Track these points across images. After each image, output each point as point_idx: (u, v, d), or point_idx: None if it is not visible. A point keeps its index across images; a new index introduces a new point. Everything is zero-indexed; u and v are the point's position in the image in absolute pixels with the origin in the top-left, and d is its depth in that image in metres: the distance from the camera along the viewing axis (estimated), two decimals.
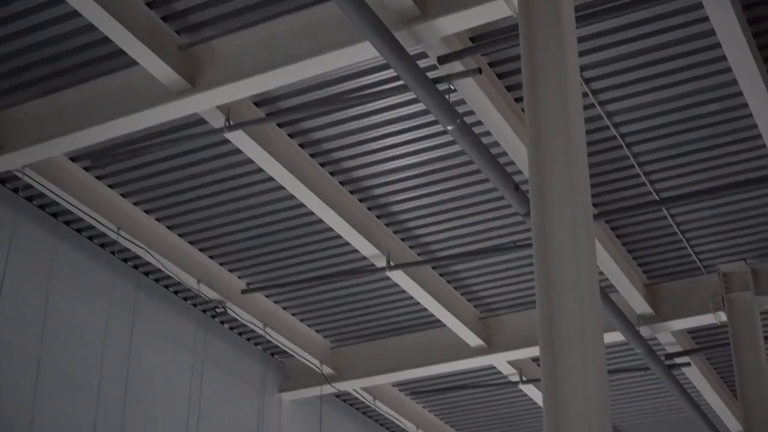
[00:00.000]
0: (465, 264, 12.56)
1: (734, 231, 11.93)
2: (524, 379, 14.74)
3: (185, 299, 12.90)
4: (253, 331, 13.55)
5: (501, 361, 14.09)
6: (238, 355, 13.80)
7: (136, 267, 12.22)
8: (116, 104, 9.40)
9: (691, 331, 14.16)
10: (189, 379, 12.82)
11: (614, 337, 12.78)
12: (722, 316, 12.60)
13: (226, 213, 11.45)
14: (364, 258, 12.01)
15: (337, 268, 12.46)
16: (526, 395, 15.68)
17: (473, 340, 13.54)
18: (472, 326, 13.40)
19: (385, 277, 12.48)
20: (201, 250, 12.15)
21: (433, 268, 12.61)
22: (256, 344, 14.14)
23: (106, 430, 11.42)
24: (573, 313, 6.57)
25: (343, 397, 15.72)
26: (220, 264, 12.44)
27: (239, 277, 12.73)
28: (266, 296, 13.19)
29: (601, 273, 11.97)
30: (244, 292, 12.77)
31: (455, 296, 13.13)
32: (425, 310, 13.16)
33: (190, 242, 11.99)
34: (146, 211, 11.42)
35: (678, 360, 14.11)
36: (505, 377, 14.99)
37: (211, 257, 12.29)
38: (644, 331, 12.94)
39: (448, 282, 12.93)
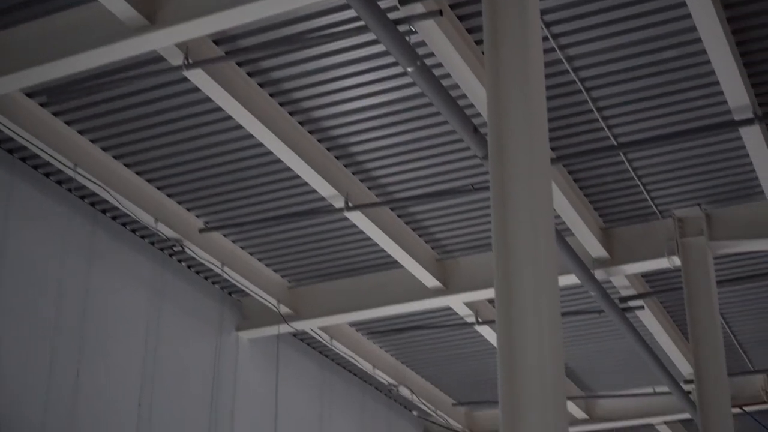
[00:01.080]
0: (423, 206, 12.60)
1: (690, 176, 12.04)
2: (480, 320, 14.89)
3: (143, 237, 12.87)
4: (210, 270, 13.55)
5: (457, 303, 14.20)
6: (195, 293, 13.81)
7: (93, 204, 12.16)
8: (73, 40, 9.29)
9: (645, 275, 14.32)
10: (146, 317, 12.83)
11: (569, 279, 12.89)
12: (676, 261, 12.75)
13: (185, 152, 11.39)
14: (323, 198, 12.02)
15: (295, 209, 12.46)
16: (481, 336, 15.84)
17: (430, 281, 13.63)
18: (429, 267, 13.49)
19: (343, 218, 12.50)
20: (159, 188, 12.09)
21: (392, 209, 12.65)
22: (213, 283, 14.15)
23: (63, 367, 11.44)
24: (528, 256, 6.64)
25: (300, 337, 15.80)
26: (178, 203, 12.41)
27: (197, 216, 12.70)
28: (224, 235, 13.18)
29: (558, 216, 12.06)
30: (201, 231, 12.75)
31: (413, 237, 13.19)
32: (383, 250, 13.21)
33: (147, 180, 11.93)
34: (104, 149, 11.33)
35: (632, 303, 14.28)
36: (462, 318, 15.12)
37: (168, 196, 12.25)
38: (599, 274, 13.08)
39: (406, 223, 12.99)
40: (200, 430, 13.48)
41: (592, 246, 12.79)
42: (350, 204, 11.77)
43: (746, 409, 16.53)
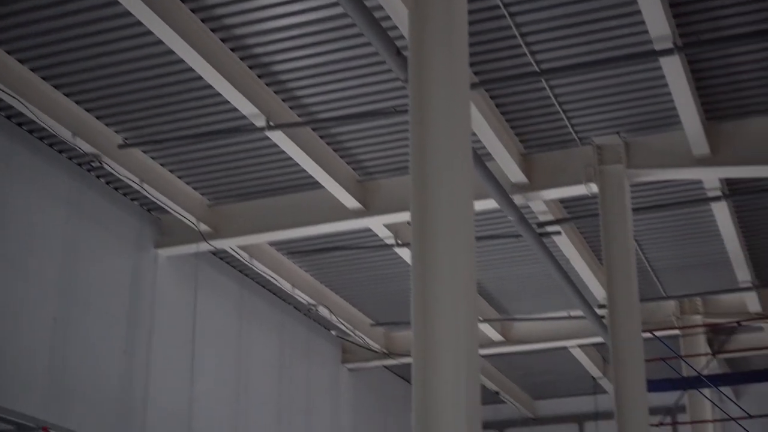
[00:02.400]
0: (345, 127, 12.58)
1: (610, 104, 12.17)
2: (399, 242, 14.99)
3: (60, 152, 12.69)
4: (129, 186, 13.40)
5: (377, 224, 14.29)
6: (113, 210, 13.69)
7: (9, 118, 11.94)
8: None
9: (563, 201, 14.50)
10: (63, 232, 12.71)
11: (488, 204, 12.99)
12: (594, 187, 12.93)
13: (104, 66, 11.21)
14: (244, 117, 11.92)
15: (216, 126, 12.37)
16: (400, 258, 15.95)
17: (351, 202, 13.67)
18: (350, 189, 13.51)
19: (265, 137, 12.43)
20: (77, 102, 11.90)
21: (313, 129, 12.61)
22: (132, 200, 14.04)
23: None
24: (444, 178, 6.69)
25: (220, 255, 15.78)
26: (97, 117, 12.23)
27: (116, 132, 12.54)
28: (143, 152, 13.05)
29: (478, 141, 12.13)
30: (120, 147, 12.59)
31: (334, 158, 13.19)
32: (304, 171, 13.18)
33: (66, 94, 11.73)
34: (20, 61, 11.11)
35: (549, 228, 14.48)
36: (381, 240, 15.21)
37: (87, 110, 12.06)
38: (517, 199, 13.20)
39: (328, 144, 12.97)
40: (117, 346, 13.47)
41: (512, 171, 12.90)
42: (271, 123, 11.71)
43: (657, 333, 16.91)
